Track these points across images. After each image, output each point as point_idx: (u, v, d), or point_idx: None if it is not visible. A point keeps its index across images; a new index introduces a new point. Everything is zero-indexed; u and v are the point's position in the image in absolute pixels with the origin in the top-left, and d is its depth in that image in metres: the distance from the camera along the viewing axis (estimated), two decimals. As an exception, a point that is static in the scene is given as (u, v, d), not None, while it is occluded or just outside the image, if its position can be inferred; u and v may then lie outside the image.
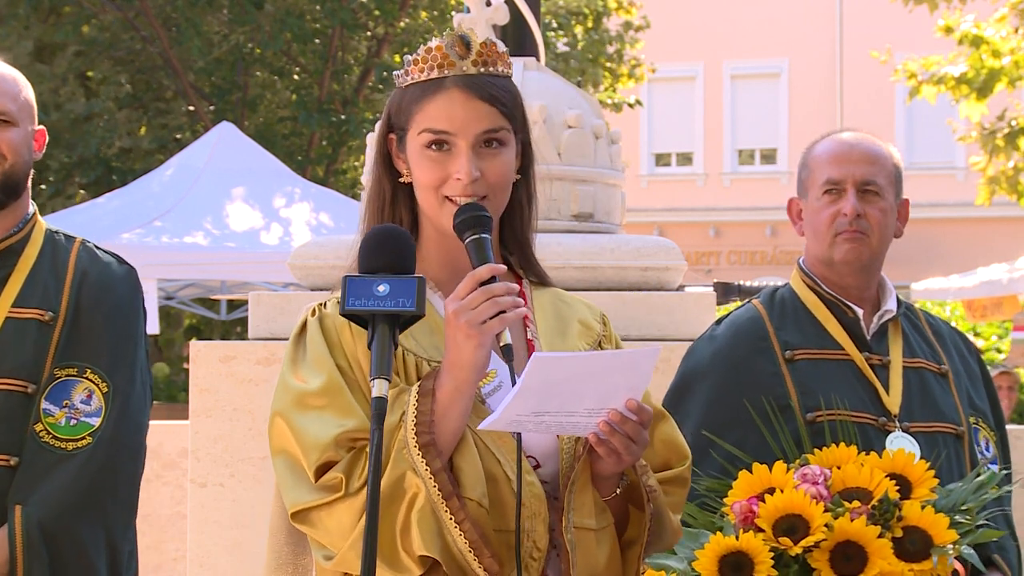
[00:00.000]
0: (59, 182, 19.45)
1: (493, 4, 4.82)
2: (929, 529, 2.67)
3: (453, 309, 2.30)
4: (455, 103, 2.43)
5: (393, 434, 2.32)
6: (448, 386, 2.33)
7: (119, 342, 2.98)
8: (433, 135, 2.42)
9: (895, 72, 16.73)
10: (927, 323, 3.27)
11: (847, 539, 2.62)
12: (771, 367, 3.14)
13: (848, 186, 3.12)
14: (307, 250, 4.79)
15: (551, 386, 2.26)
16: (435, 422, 2.32)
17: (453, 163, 2.42)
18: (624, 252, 4.61)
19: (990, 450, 3.15)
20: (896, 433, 3.05)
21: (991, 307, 15.69)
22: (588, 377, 2.30)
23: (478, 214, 2.40)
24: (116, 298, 3.00)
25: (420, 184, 2.46)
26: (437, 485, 2.29)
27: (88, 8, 19.23)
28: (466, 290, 2.31)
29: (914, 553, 2.66)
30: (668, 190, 30.46)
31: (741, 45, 29.71)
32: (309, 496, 2.34)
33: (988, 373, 3.32)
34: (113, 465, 2.92)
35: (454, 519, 2.29)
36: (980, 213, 25.39)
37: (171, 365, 20.50)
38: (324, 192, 14.21)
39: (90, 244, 3.09)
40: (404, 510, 2.30)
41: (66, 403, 2.90)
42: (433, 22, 19.70)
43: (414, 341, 2.45)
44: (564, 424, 2.33)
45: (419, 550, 2.28)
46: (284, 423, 2.41)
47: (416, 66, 2.46)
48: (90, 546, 2.87)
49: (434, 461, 2.30)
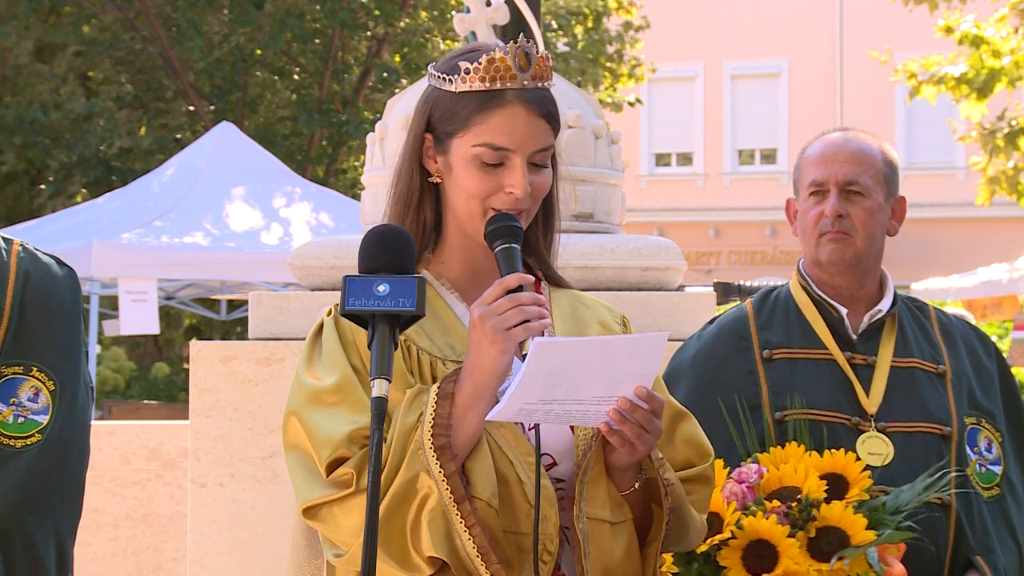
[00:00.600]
0: (59, 182, 19.47)
1: (493, 4, 4.82)
2: (848, 530, 2.69)
3: (479, 313, 2.31)
4: (517, 119, 2.43)
5: (410, 434, 2.32)
6: (467, 390, 2.34)
7: (64, 341, 2.97)
8: (492, 151, 2.42)
9: (895, 72, 16.74)
10: (938, 321, 3.26)
11: (759, 538, 2.65)
12: (748, 366, 3.16)
13: (831, 187, 3.13)
14: (307, 250, 4.79)
15: (556, 372, 2.26)
16: (452, 425, 2.33)
17: (507, 177, 2.43)
18: (624, 252, 4.61)
19: (992, 451, 3.14)
20: (869, 433, 3.05)
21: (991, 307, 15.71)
22: (594, 363, 2.30)
23: (511, 224, 2.42)
24: (59, 298, 2.99)
25: (466, 192, 2.45)
26: (450, 488, 2.29)
27: (88, 8, 19.24)
28: (493, 296, 2.32)
29: (829, 553, 2.68)
30: (668, 190, 30.47)
31: (741, 45, 29.71)
32: (320, 492, 2.33)
33: (1009, 373, 3.29)
34: (62, 463, 2.91)
35: (464, 523, 2.29)
36: (980, 213, 25.40)
37: (171, 365, 20.51)
38: (324, 192, 14.22)
39: (30, 246, 3.08)
40: (415, 510, 2.30)
41: (13, 401, 2.88)
42: (433, 22, 19.71)
43: (429, 341, 2.45)
44: (573, 413, 2.33)
45: (428, 551, 2.28)
46: (297, 420, 2.40)
47: (475, 75, 2.43)
48: (40, 543, 2.86)
49: (448, 464, 2.30)
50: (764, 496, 2.79)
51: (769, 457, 2.90)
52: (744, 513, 2.75)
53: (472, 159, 2.43)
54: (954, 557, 3.01)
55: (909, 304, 3.28)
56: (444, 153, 2.47)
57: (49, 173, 19.73)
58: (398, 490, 2.29)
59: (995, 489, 3.11)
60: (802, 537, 2.72)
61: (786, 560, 2.65)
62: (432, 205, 2.51)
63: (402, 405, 2.35)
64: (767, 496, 2.79)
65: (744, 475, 2.80)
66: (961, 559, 3.02)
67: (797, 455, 2.87)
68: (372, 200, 4.71)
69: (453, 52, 2.55)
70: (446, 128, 2.46)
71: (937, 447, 3.06)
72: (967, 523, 3.02)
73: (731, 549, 2.67)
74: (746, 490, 2.78)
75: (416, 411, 2.34)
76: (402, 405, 2.35)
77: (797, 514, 2.74)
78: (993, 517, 3.07)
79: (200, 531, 4.67)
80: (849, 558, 2.69)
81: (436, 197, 2.51)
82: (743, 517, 2.73)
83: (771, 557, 2.67)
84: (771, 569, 2.67)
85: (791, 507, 2.73)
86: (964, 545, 3.01)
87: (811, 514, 2.72)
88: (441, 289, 2.51)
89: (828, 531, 2.72)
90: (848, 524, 2.72)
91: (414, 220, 2.51)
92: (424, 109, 2.51)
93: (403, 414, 2.34)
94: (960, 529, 3.01)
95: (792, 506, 2.74)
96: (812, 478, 2.78)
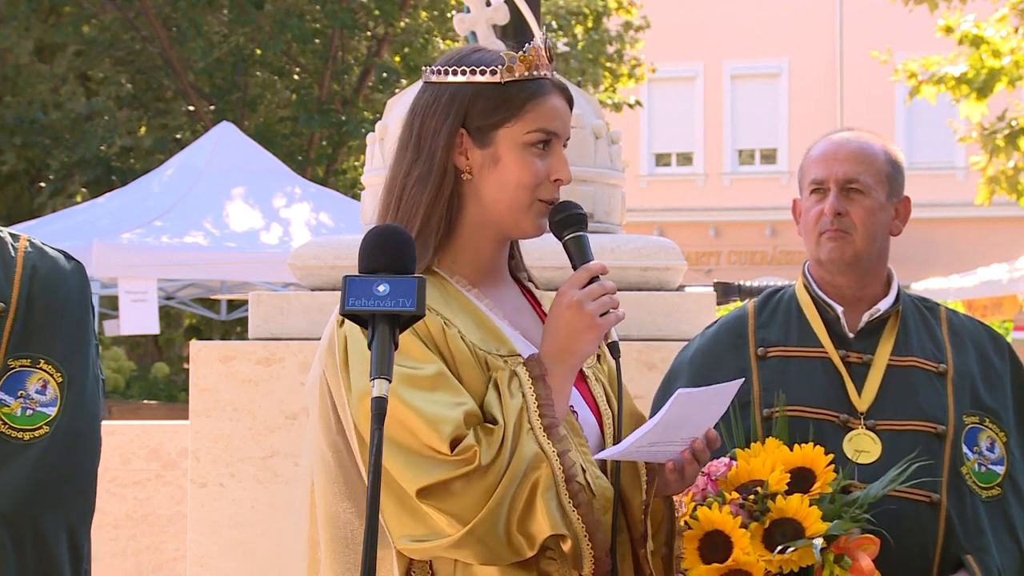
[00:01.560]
0: (59, 182, 19.47)
1: (493, 4, 4.82)
2: (803, 521, 2.74)
3: (577, 297, 2.40)
4: (559, 106, 2.50)
5: (521, 416, 2.36)
6: (559, 371, 2.41)
7: (72, 334, 2.96)
8: (545, 135, 2.47)
9: (895, 72, 16.74)
10: (947, 321, 3.26)
11: (715, 528, 2.70)
12: (742, 363, 3.18)
13: (831, 185, 3.14)
14: (307, 250, 4.79)
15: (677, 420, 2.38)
16: (552, 405, 2.39)
17: (552, 163, 2.48)
18: (624, 252, 4.61)
19: (994, 450, 3.13)
20: (857, 431, 3.06)
21: (991, 307, 15.71)
22: (695, 410, 2.41)
23: (577, 212, 2.50)
24: (67, 291, 2.99)
25: (516, 181, 2.46)
26: (562, 467, 2.35)
27: (88, 8, 19.24)
28: (583, 280, 2.42)
29: (783, 544, 2.73)
30: (668, 190, 30.46)
31: (741, 45, 29.71)
32: (442, 470, 2.32)
33: (1022, 374, 3.27)
34: (71, 454, 2.90)
35: (573, 502, 2.34)
36: (980, 213, 25.40)
37: (171, 365, 20.50)
38: (324, 192, 14.22)
39: (37, 241, 3.08)
40: (528, 492, 2.33)
41: (21, 393, 2.88)
42: (433, 22, 19.71)
43: (474, 335, 2.46)
44: (660, 452, 2.42)
45: (548, 531, 2.32)
46: (395, 400, 2.32)
47: (522, 64, 2.47)
48: (51, 535, 2.85)
49: (559, 443, 2.36)
50: (733, 489, 2.83)
51: (745, 452, 2.94)
52: (702, 504, 2.78)
53: (526, 146, 2.47)
54: (944, 555, 3.01)
55: (918, 303, 3.28)
56: (486, 145, 2.48)
57: (49, 173, 19.73)
58: (516, 471, 2.33)
59: (995, 489, 3.10)
60: (756, 528, 2.76)
61: (737, 550, 2.70)
62: (459, 203, 2.51)
63: (502, 387, 2.39)
64: (736, 489, 2.83)
65: (713, 468, 2.85)
66: (952, 558, 3.02)
67: (769, 450, 2.90)
68: (372, 200, 4.71)
69: (460, 50, 2.55)
70: (492, 119, 2.47)
71: (929, 445, 3.06)
72: (959, 522, 3.02)
73: (687, 539, 2.72)
74: (709, 482, 2.83)
75: (518, 393, 2.39)
76: (502, 387, 2.39)
77: (753, 506, 2.78)
78: (991, 517, 3.07)
79: (200, 531, 4.67)
80: (795, 547, 2.72)
81: (459, 193, 2.51)
82: (699, 508, 2.76)
83: (725, 548, 2.72)
84: (724, 559, 2.71)
85: (746, 499, 2.78)
86: (955, 543, 3.01)
87: (766, 505, 2.76)
88: (458, 286, 2.52)
89: (783, 523, 2.77)
90: (803, 516, 2.76)
91: (442, 218, 2.50)
92: (455, 105, 2.49)
93: (507, 396, 2.38)
94: (951, 528, 3.01)
95: (748, 498, 2.78)
96: (776, 471, 2.82)
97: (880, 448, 3.04)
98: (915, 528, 2.96)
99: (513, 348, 2.47)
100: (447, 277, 2.52)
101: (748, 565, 2.70)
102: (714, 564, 2.70)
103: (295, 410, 4.59)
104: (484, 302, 2.51)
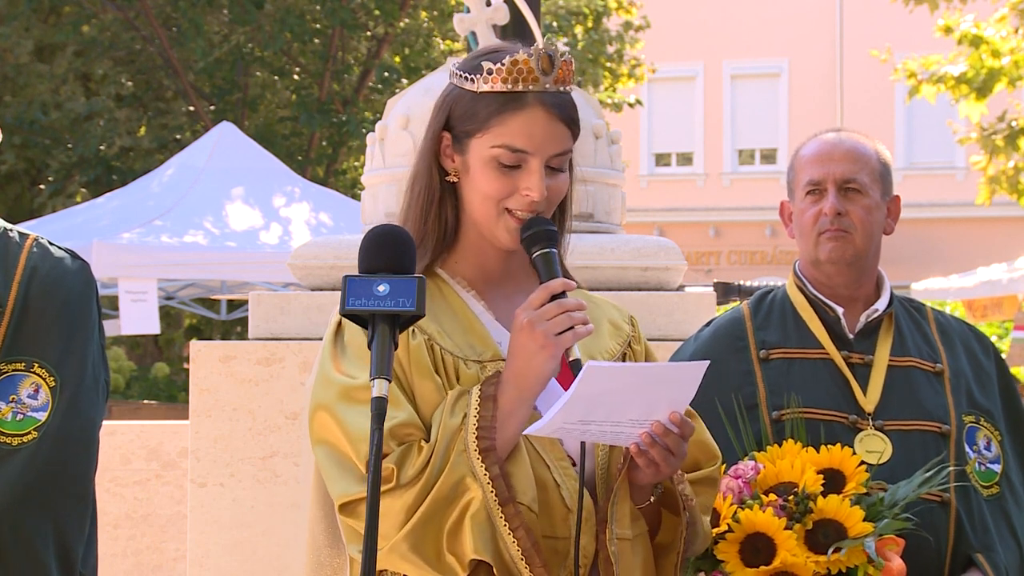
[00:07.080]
0: (59, 182, 19.47)
1: (493, 4, 4.82)
2: (844, 522, 2.71)
3: (528, 318, 2.32)
4: (537, 122, 2.41)
5: (455, 436, 2.33)
6: (511, 394, 2.34)
7: (69, 336, 2.93)
8: (510, 152, 2.41)
9: (895, 72, 16.74)
10: (935, 321, 3.27)
11: (756, 531, 2.67)
12: (745, 366, 3.16)
13: (829, 185, 3.13)
14: (307, 250, 4.79)
15: (600, 395, 2.28)
16: (495, 428, 2.33)
17: (524, 179, 2.42)
18: (624, 252, 4.61)
19: (991, 449, 3.14)
20: (867, 431, 3.06)
21: (991, 307, 15.70)
22: (636, 388, 2.32)
23: (547, 228, 2.42)
24: (67, 292, 2.95)
25: (481, 193, 2.44)
26: (495, 491, 2.30)
27: (88, 8, 19.24)
28: (540, 301, 2.33)
29: (826, 545, 2.70)
30: (668, 190, 30.46)
31: (741, 45, 29.71)
32: (359, 487, 2.31)
33: (1007, 373, 3.29)
34: (61, 460, 2.87)
35: (508, 525, 2.30)
36: (980, 213, 25.41)
37: (171, 365, 20.50)
38: (324, 192, 14.21)
39: (44, 241, 3.04)
40: (458, 513, 2.30)
41: (12, 398, 2.85)
42: (433, 22, 19.72)
43: (450, 340, 2.44)
44: (607, 433, 2.36)
45: (471, 554, 2.29)
46: (329, 416, 2.37)
47: (497, 75, 2.41)
48: (37, 540, 2.82)
49: (493, 467, 2.31)
50: (761, 491, 2.81)
51: (766, 455, 2.92)
52: (741, 507, 2.76)
53: (489, 160, 2.42)
54: (955, 554, 3.02)
55: (906, 304, 3.29)
56: (462, 153, 2.47)
57: (49, 173, 19.73)
58: (442, 491, 2.29)
59: (995, 487, 3.11)
60: (799, 530, 2.74)
61: (783, 552, 2.67)
62: (453, 204, 2.50)
63: (445, 406, 2.36)
64: (770, 490, 2.81)
65: (741, 471, 2.82)
66: (962, 556, 3.02)
67: (794, 452, 2.88)
68: (372, 200, 4.71)
69: (478, 51, 2.54)
70: (465, 128, 2.45)
71: (936, 445, 3.07)
72: (967, 520, 3.03)
73: (728, 543, 2.69)
74: (743, 485, 2.80)
75: (460, 413, 2.35)
76: (445, 406, 2.36)
77: (794, 507, 2.75)
78: (993, 515, 3.08)
79: (200, 531, 4.67)
80: (846, 549, 2.70)
81: (456, 196, 2.50)
82: (740, 511, 2.74)
83: (768, 550, 2.69)
84: (768, 562, 2.68)
85: (788, 500, 2.75)
86: (964, 542, 3.02)
87: (808, 507, 2.74)
88: (457, 287, 2.51)
89: (825, 524, 2.74)
90: (845, 516, 2.74)
91: (436, 219, 2.50)
92: (443, 107, 2.49)
93: (447, 415, 2.34)
94: (960, 526, 3.02)
95: (789, 499, 2.75)
96: (809, 473, 2.79)
97: (891, 448, 3.04)
98: (929, 528, 2.96)
99: (498, 353, 2.44)
100: (448, 278, 2.51)
101: (796, 567, 2.67)
102: (761, 567, 2.66)
103: (295, 410, 4.59)
104: (480, 304, 2.50)
